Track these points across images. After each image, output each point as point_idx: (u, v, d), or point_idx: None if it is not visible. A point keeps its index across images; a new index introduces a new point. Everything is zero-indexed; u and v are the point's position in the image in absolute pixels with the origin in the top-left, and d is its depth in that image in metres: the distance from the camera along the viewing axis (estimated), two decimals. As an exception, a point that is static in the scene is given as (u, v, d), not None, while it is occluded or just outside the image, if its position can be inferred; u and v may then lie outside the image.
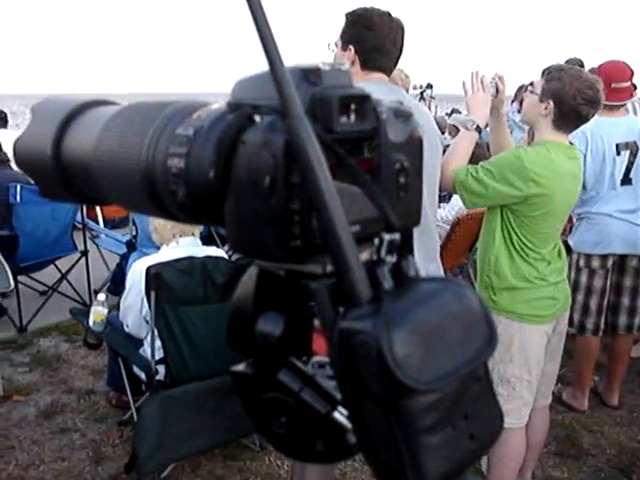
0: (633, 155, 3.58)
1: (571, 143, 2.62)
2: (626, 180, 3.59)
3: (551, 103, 2.46)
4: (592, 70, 4.86)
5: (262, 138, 0.42)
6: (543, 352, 2.61)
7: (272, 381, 0.48)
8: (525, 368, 2.57)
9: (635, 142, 3.59)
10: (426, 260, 2.29)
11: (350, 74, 0.48)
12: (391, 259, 0.44)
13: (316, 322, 0.47)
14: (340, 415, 0.46)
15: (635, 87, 3.84)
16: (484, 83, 2.59)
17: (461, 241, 4.41)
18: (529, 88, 2.60)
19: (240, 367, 0.50)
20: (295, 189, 0.41)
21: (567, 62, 5.23)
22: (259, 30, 0.41)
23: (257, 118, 0.44)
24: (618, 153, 3.57)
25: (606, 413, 3.85)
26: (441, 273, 2.40)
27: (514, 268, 2.52)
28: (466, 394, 0.41)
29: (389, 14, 2.28)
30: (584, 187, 3.35)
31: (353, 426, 0.43)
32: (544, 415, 2.85)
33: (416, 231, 1.83)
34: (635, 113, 4.14)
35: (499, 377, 2.55)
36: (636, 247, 3.64)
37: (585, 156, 3.45)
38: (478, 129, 2.54)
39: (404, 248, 0.48)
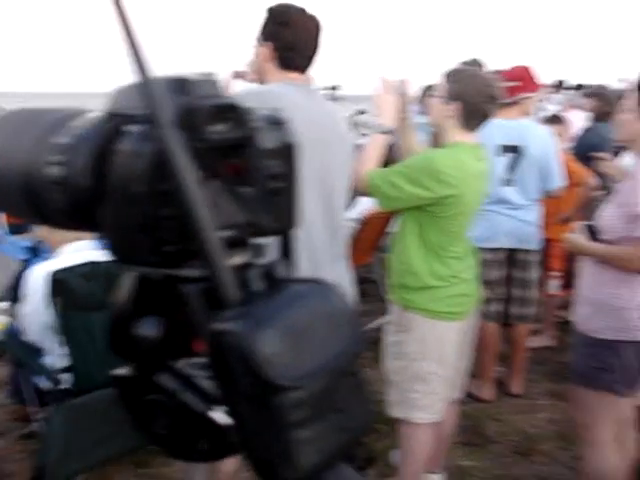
0: (516, 158, 3.73)
1: (479, 144, 2.71)
2: (508, 181, 3.75)
3: (456, 104, 2.52)
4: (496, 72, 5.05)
5: (133, 147, 0.43)
6: (457, 348, 2.70)
7: (152, 383, 0.49)
8: (441, 364, 2.63)
9: (520, 146, 3.72)
10: (334, 261, 2.31)
11: (220, 83, 0.49)
12: (262, 262, 0.46)
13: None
14: (219, 414, 0.47)
15: (534, 86, 3.98)
16: (390, 86, 2.64)
17: (368, 239, 4.48)
18: (433, 92, 2.67)
19: (121, 371, 0.51)
20: (166, 196, 0.42)
21: (466, 63, 5.41)
22: (128, 41, 0.42)
23: (130, 128, 0.45)
24: (503, 154, 3.70)
25: (509, 402, 4.01)
26: (349, 273, 2.43)
27: (429, 267, 2.58)
28: (337, 389, 0.44)
29: (306, 11, 2.27)
30: None
31: (232, 424, 0.44)
32: (453, 408, 2.93)
33: (325, 232, 1.86)
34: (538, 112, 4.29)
35: (415, 374, 2.62)
36: (523, 242, 3.84)
37: None
38: (388, 131, 2.59)
39: (280, 250, 0.49)
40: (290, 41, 2.24)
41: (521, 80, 3.82)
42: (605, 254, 2.53)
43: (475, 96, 2.50)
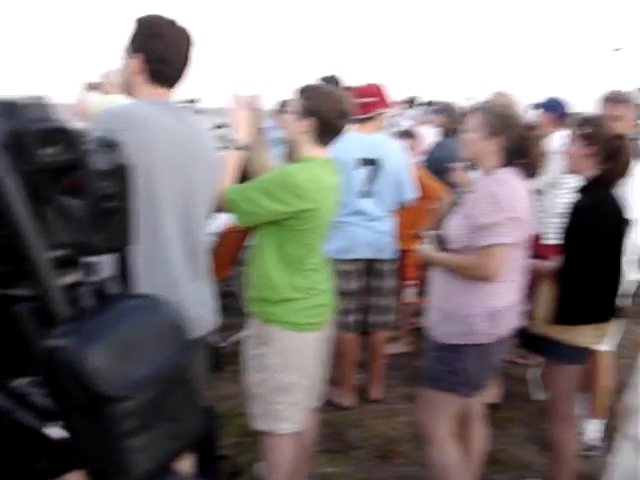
0: (374, 170, 3.90)
1: (331, 159, 2.79)
2: (367, 193, 3.90)
3: (310, 120, 2.58)
4: (350, 88, 5.21)
5: None
6: (316, 357, 2.76)
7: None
8: (302, 375, 2.68)
9: (377, 159, 3.89)
10: (195, 279, 2.29)
11: (50, 107, 0.50)
12: (94, 280, 0.47)
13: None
14: (54, 429, 0.48)
15: (387, 103, 4.16)
16: (243, 101, 2.67)
17: (226, 254, 4.47)
18: (286, 108, 2.72)
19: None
20: None
21: (323, 80, 5.54)
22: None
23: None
24: (360, 166, 3.86)
25: (369, 408, 4.14)
26: (211, 289, 2.42)
27: (288, 280, 2.61)
28: (167, 399, 0.46)
29: (176, 23, 2.22)
30: None
31: (67, 438, 0.45)
32: (314, 417, 2.99)
33: (184, 251, 1.84)
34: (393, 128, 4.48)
35: (278, 386, 2.65)
36: (381, 252, 4.01)
37: None
38: (242, 147, 2.60)
39: (115, 268, 0.51)
40: (161, 54, 2.18)
41: (375, 97, 3.99)
42: (451, 263, 2.69)
43: (329, 112, 2.57)
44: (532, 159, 2.70)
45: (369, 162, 3.89)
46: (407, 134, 5.14)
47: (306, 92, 2.63)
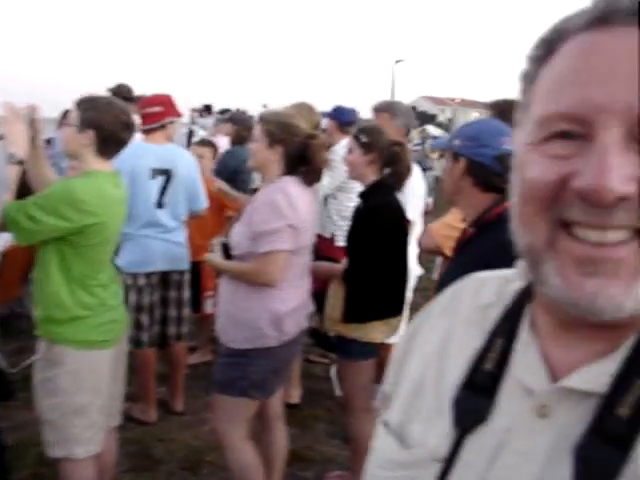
0: (167, 181, 3.89)
1: (115, 172, 2.73)
2: (160, 204, 3.89)
3: (91, 132, 2.52)
4: (140, 97, 5.12)
5: None
6: (110, 375, 2.69)
7: None
8: (96, 394, 2.60)
9: (170, 169, 3.89)
10: None
11: None
12: None
13: None
14: None
15: (175, 111, 4.15)
16: (18, 113, 2.52)
17: (11, 273, 4.23)
18: (64, 121, 2.62)
19: None
20: None
21: (118, 87, 5.40)
22: None
23: None
24: (153, 177, 3.84)
25: (173, 421, 4.10)
26: None
27: (75, 298, 2.53)
28: None
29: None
30: None
31: None
32: (112, 436, 2.91)
33: None
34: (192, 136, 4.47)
35: (72, 409, 2.55)
36: (176, 263, 4.01)
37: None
38: (19, 161, 2.46)
39: None
40: None
41: (161, 106, 3.97)
42: (235, 270, 2.76)
43: (111, 124, 2.53)
44: (314, 166, 2.83)
45: (162, 172, 3.87)
46: (203, 143, 5.14)
47: (84, 104, 2.57)
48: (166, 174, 3.88)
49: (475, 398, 0.71)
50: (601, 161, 0.58)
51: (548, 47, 0.66)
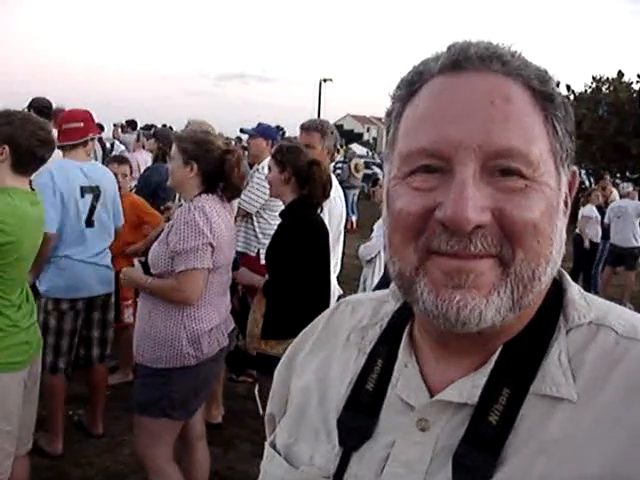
0: (95, 199, 3.79)
1: (32, 188, 2.66)
2: (90, 223, 3.79)
3: (6, 148, 2.46)
4: (58, 110, 4.99)
5: None
6: (21, 399, 2.58)
7: None
8: (5, 418, 2.50)
9: (98, 186, 3.81)
10: None
11: None
12: None
13: None
14: None
15: (94, 128, 4.08)
16: None
17: None
18: None
19: None
20: None
21: (34, 101, 5.26)
22: None
23: None
24: (82, 196, 3.73)
25: (92, 444, 3.98)
26: None
27: None
28: None
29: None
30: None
31: None
32: (25, 462, 2.80)
33: None
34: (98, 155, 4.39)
35: None
36: (103, 287, 3.89)
37: (51, 196, 3.50)
38: None
39: None
40: None
41: (84, 122, 3.87)
42: (153, 287, 2.72)
43: (27, 139, 2.47)
44: (232, 182, 2.82)
45: (91, 190, 3.78)
46: (121, 159, 5.06)
47: (0, 118, 2.51)
48: (94, 192, 3.79)
49: (358, 417, 0.76)
50: (459, 193, 0.63)
51: (410, 87, 0.72)
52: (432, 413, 0.71)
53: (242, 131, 5.06)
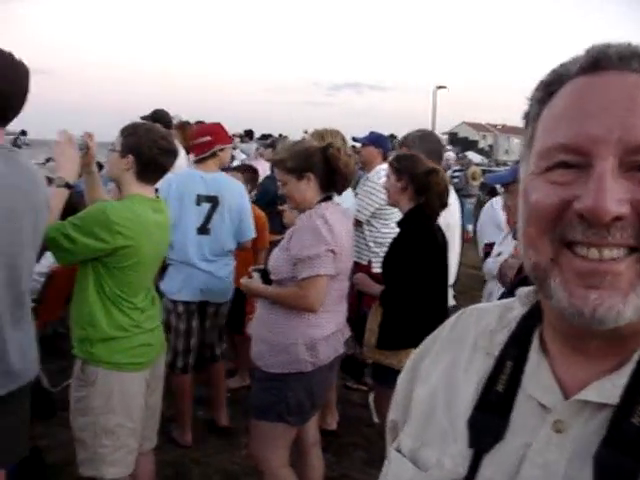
0: (213, 208, 3.92)
1: (158, 197, 2.79)
2: (204, 230, 3.91)
3: (131, 157, 2.59)
4: (182, 123, 5.22)
5: None
6: (143, 398, 2.69)
7: None
8: (127, 416, 2.61)
9: (216, 197, 3.92)
10: (17, 328, 2.17)
11: None
12: None
13: None
14: None
15: (224, 139, 4.25)
16: (72, 140, 2.62)
17: (57, 294, 4.30)
18: (110, 147, 2.70)
19: None
20: None
21: (155, 112, 5.52)
22: None
23: None
24: (198, 204, 3.87)
25: (211, 444, 4.10)
26: (32, 337, 2.31)
27: (109, 318, 2.56)
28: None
29: (14, 56, 2.05)
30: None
31: None
32: (150, 459, 2.92)
33: (8, 297, 1.74)
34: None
35: (103, 428, 2.56)
36: (214, 296, 4.03)
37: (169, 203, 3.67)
38: (68, 186, 2.54)
39: None
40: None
41: (211, 135, 4.05)
42: (274, 295, 2.77)
43: (150, 149, 2.59)
44: (340, 172, 2.81)
45: (208, 199, 3.91)
46: (245, 168, 5.17)
47: (127, 130, 2.65)
48: (212, 201, 3.91)
49: (489, 418, 0.76)
50: (598, 186, 0.64)
51: (548, 89, 0.74)
52: (569, 414, 0.71)
53: (354, 139, 5.09)
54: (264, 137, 9.48)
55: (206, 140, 4.01)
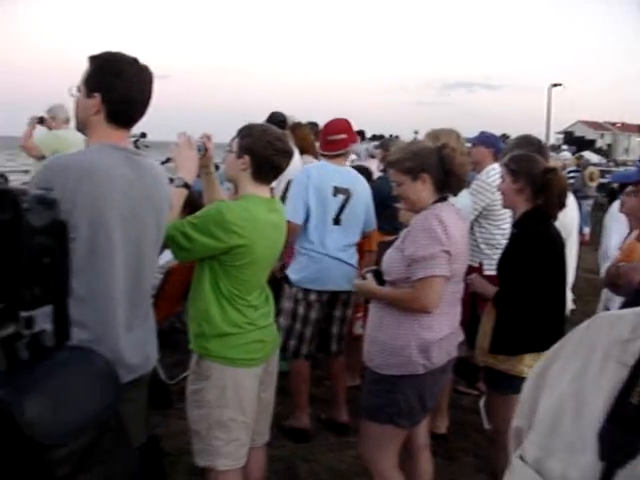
0: (346, 200, 4.06)
1: (273, 196, 2.84)
2: (337, 221, 4.05)
3: (247, 158, 2.64)
4: (295, 124, 5.30)
5: None
6: (256, 393, 2.75)
7: None
8: (240, 410, 2.67)
9: (349, 189, 4.07)
10: (136, 324, 2.26)
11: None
12: (29, 332, 0.50)
13: None
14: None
15: (355, 136, 4.33)
16: (191, 142, 2.70)
17: (175, 289, 4.45)
18: (227, 148, 2.77)
19: None
20: None
21: (272, 115, 5.63)
22: None
23: None
24: (334, 195, 4.02)
25: (320, 442, 4.14)
26: (151, 331, 2.41)
27: (224, 315, 2.63)
28: (101, 444, 0.49)
29: (138, 61, 2.15)
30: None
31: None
32: (261, 453, 2.97)
33: (129, 299, 1.83)
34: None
35: (216, 421, 2.63)
36: (347, 284, 4.00)
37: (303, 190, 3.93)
38: (187, 186, 2.63)
39: (54, 319, 0.54)
40: (122, 94, 2.13)
41: (346, 133, 4.21)
42: (388, 296, 2.75)
43: (265, 149, 2.63)
44: (454, 173, 2.78)
45: (343, 191, 4.06)
46: (362, 169, 5.17)
47: (243, 131, 2.70)
48: (346, 193, 4.06)
49: (623, 432, 0.71)
50: None
51: None
52: None
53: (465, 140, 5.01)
54: (375, 137, 9.47)
55: (342, 137, 4.16)
